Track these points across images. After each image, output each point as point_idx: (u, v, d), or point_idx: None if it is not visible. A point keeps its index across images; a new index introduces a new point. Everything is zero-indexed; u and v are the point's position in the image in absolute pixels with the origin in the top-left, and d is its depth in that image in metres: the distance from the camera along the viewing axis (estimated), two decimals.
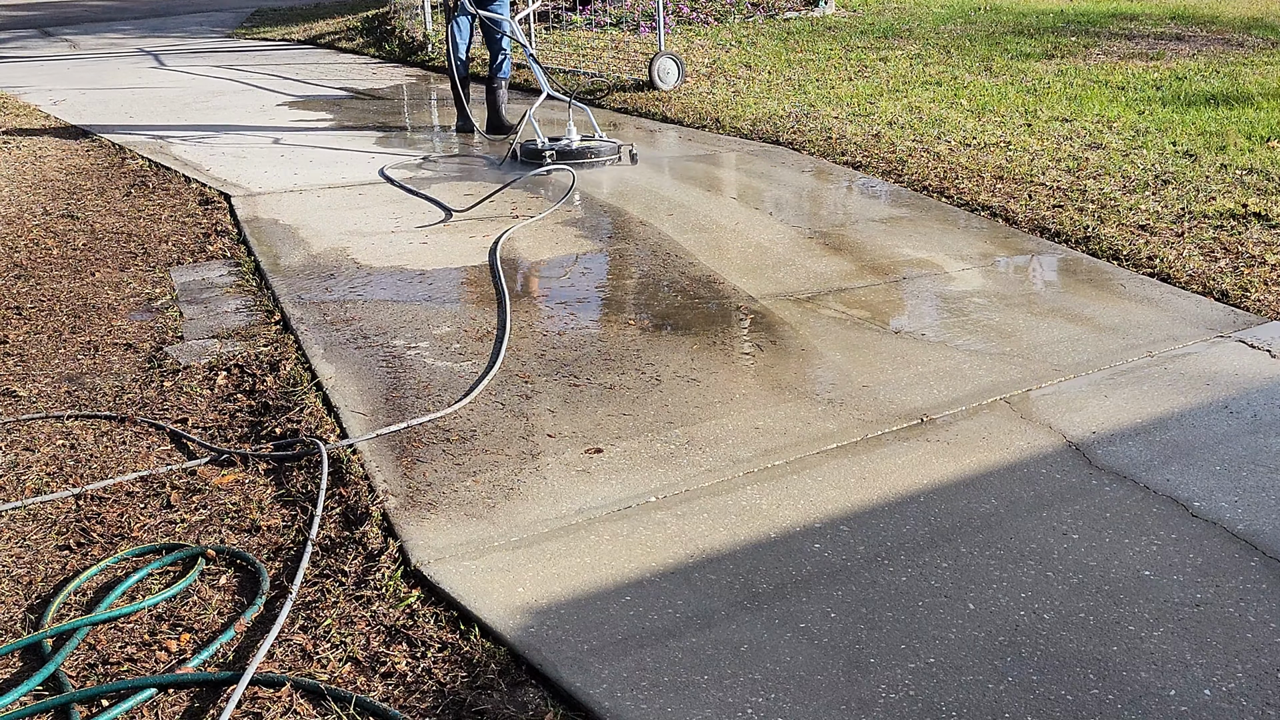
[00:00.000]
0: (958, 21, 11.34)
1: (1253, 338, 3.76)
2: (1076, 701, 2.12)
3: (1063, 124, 6.83)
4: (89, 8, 18.19)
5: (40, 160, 7.05)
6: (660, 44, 8.84)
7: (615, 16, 11.28)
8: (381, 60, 11.23)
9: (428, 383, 3.61)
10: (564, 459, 3.10)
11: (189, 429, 3.39)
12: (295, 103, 8.89)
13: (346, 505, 2.91)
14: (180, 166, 6.67)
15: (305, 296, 4.42)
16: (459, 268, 4.72)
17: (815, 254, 4.75)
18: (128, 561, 2.74)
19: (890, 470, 3.00)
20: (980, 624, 2.35)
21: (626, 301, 4.32)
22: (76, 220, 5.68)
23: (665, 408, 3.39)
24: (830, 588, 2.49)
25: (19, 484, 3.09)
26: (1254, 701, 2.10)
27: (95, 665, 2.36)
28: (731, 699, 2.16)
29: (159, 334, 4.16)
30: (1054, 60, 9.01)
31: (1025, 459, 3.03)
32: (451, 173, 6.47)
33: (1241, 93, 7.41)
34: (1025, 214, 5.15)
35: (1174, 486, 2.86)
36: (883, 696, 2.15)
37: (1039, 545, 2.63)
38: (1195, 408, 3.29)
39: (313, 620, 2.48)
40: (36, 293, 4.63)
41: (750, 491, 2.91)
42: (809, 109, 7.57)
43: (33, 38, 14.38)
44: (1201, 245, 4.66)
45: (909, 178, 5.84)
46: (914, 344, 3.81)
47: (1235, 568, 2.52)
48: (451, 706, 2.19)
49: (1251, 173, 5.59)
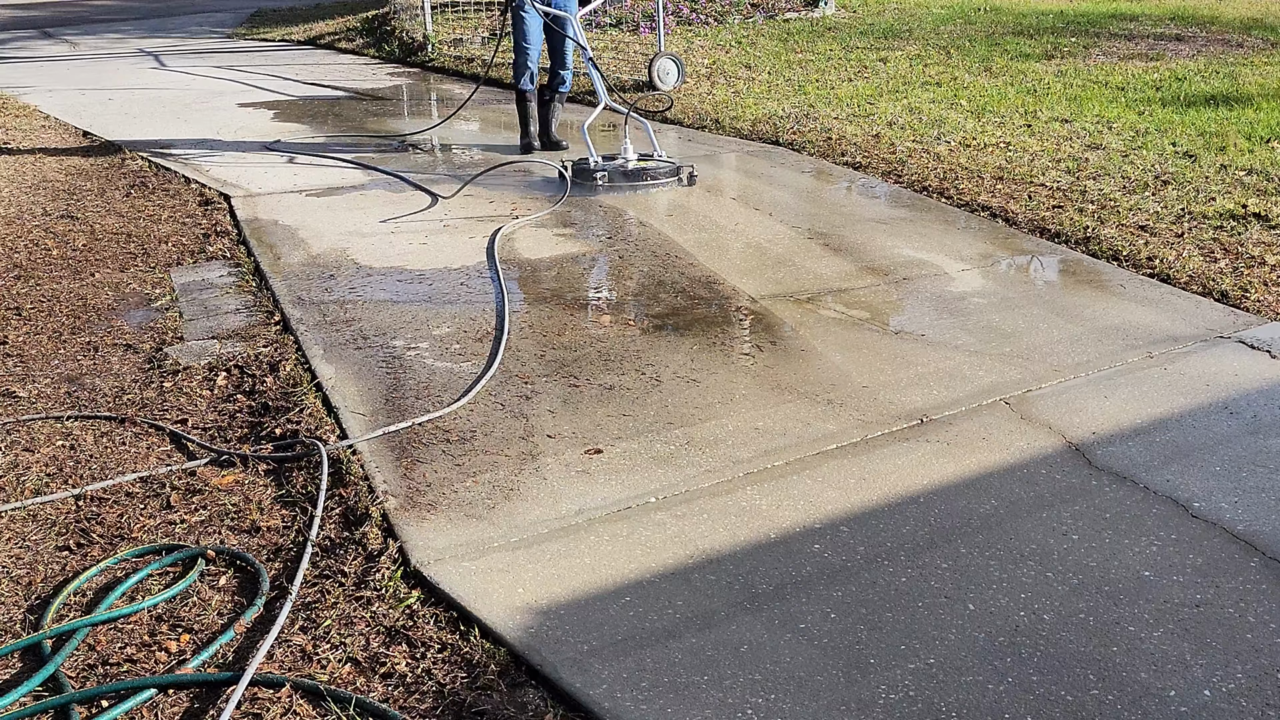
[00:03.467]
0: (957, 22, 11.34)
1: (1253, 338, 3.76)
2: (1076, 702, 2.12)
3: (1062, 124, 6.83)
4: (89, 8, 18.20)
5: (40, 160, 7.05)
6: (660, 44, 8.84)
7: (615, 16, 11.28)
8: (381, 61, 11.22)
9: (427, 383, 3.61)
10: (564, 459, 3.10)
11: (189, 429, 3.39)
12: (295, 103, 8.89)
13: (346, 506, 2.91)
14: (180, 167, 6.67)
15: (305, 297, 4.42)
16: (458, 268, 4.72)
17: (815, 254, 4.75)
18: (127, 562, 2.74)
19: (890, 471, 2.99)
20: (980, 624, 2.35)
21: (626, 301, 4.32)
22: (76, 221, 5.67)
23: (665, 408, 3.39)
24: (830, 588, 2.49)
25: (19, 484, 3.09)
26: (1254, 702, 2.10)
27: (95, 666, 2.36)
28: (731, 699, 2.16)
29: (159, 334, 4.15)
30: (1054, 61, 9.02)
31: (1025, 459, 3.03)
32: (491, 188, 6.42)
33: (1241, 93, 7.41)
34: (1025, 214, 5.15)
35: (1174, 487, 2.86)
36: (883, 697, 2.15)
37: (1039, 546, 2.63)
38: (1195, 408, 3.29)
39: (312, 621, 2.48)
40: (36, 293, 4.63)
41: (750, 492, 2.91)
42: (809, 109, 7.57)
43: (33, 38, 14.39)
44: (1201, 246, 4.66)
45: (909, 178, 5.84)
46: (914, 344, 3.81)
47: (1235, 568, 2.52)
48: (451, 707, 2.19)
49: (1251, 173, 5.59)
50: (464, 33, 11.32)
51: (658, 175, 5.82)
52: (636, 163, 5.88)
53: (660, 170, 5.85)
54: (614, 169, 5.83)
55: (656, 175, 5.82)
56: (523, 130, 6.83)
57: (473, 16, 11.95)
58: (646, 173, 5.81)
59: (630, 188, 5.77)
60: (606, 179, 5.77)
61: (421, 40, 11.11)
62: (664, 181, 5.83)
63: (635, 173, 5.81)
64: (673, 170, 5.89)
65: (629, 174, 5.80)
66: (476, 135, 7.53)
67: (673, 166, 5.91)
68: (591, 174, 5.80)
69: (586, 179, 5.81)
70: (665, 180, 5.84)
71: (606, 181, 5.77)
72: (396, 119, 8.17)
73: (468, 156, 6.86)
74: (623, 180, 5.79)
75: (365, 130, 7.69)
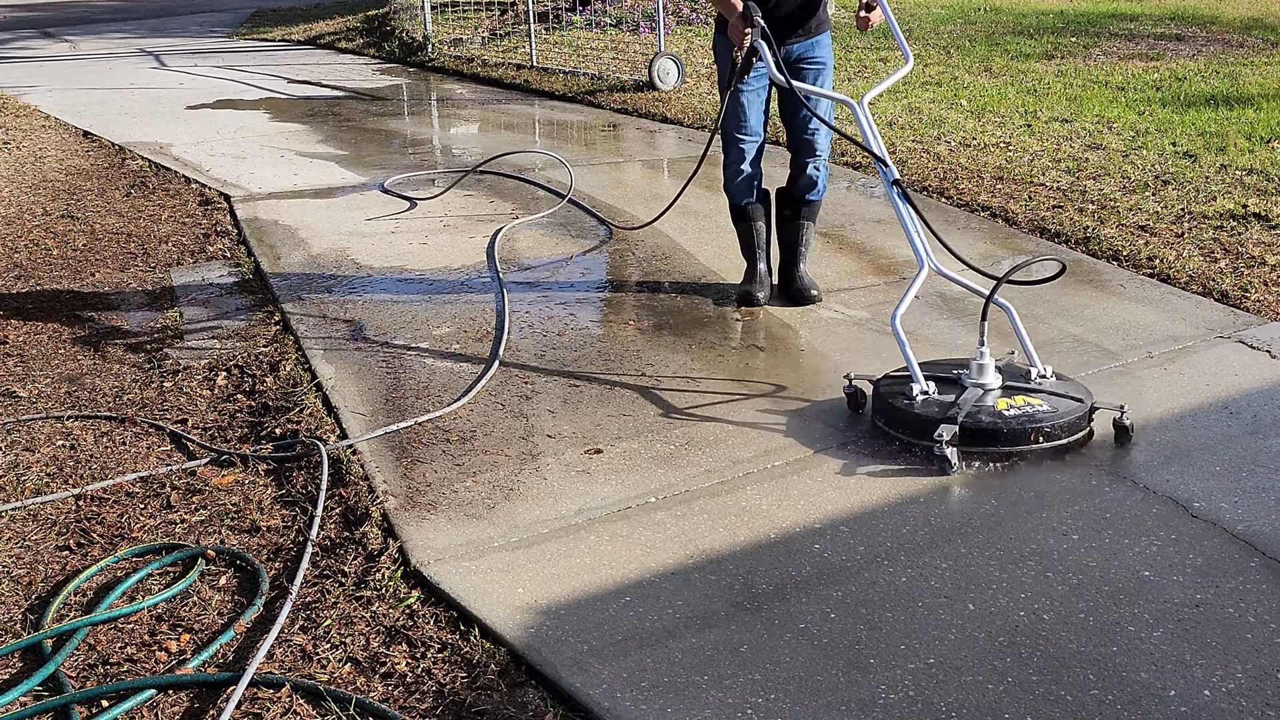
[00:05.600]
0: (957, 22, 11.34)
1: (1253, 338, 3.76)
2: (1076, 702, 2.12)
3: (1062, 124, 6.83)
4: (90, 8, 18.19)
5: (40, 160, 7.05)
6: (660, 44, 8.84)
7: (615, 17, 11.28)
8: (381, 61, 11.22)
9: (427, 383, 3.61)
10: (564, 459, 3.10)
11: (189, 429, 3.39)
12: (295, 103, 8.89)
13: (346, 506, 2.91)
14: (180, 167, 6.67)
15: (305, 296, 4.42)
16: (458, 267, 4.72)
17: (815, 254, 4.75)
18: (127, 562, 2.74)
19: (892, 470, 2.99)
20: (980, 624, 2.35)
21: (626, 301, 4.32)
22: (76, 220, 5.68)
23: (665, 408, 3.39)
24: (830, 588, 2.49)
25: (19, 484, 3.09)
26: (1254, 702, 2.10)
27: (95, 666, 2.36)
28: (731, 699, 2.16)
29: (159, 334, 4.15)
30: (1054, 61, 9.01)
31: (1025, 459, 3.02)
32: (492, 188, 6.42)
33: (1241, 93, 7.41)
34: (1025, 214, 5.15)
35: (1174, 487, 2.86)
36: (882, 697, 2.15)
37: (1039, 545, 2.63)
38: (1195, 408, 3.29)
39: (312, 621, 2.48)
40: (36, 293, 4.63)
41: (750, 492, 2.91)
42: None
43: (34, 38, 14.38)
44: (1201, 246, 4.66)
45: (909, 178, 5.84)
46: (914, 344, 3.80)
47: (1235, 568, 2.52)
48: (451, 707, 2.18)
49: (1251, 173, 5.59)
50: (464, 33, 11.33)
51: (1053, 423, 2.99)
52: (998, 394, 3.13)
53: (1056, 415, 3.02)
54: (971, 414, 3.01)
55: (1051, 424, 2.99)
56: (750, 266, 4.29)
57: (473, 16, 11.96)
58: (1032, 421, 3.00)
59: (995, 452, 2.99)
60: (955, 435, 2.95)
61: (421, 40, 11.11)
62: (1064, 437, 3.01)
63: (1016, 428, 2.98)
64: (1080, 414, 3.05)
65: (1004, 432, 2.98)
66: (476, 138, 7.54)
67: (1075, 402, 3.09)
68: (930, 424, 2.98)
69: (921, 436, 3.02)
70: (1067, 437, 3.02)
71: (955, 442, 2.95)
72: (396, 118, 8.17)
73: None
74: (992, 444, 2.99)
75: (366, 128, 7.69)
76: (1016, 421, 2.99)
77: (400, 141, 7.34)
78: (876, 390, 3.21)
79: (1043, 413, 3.02)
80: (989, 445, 2.98)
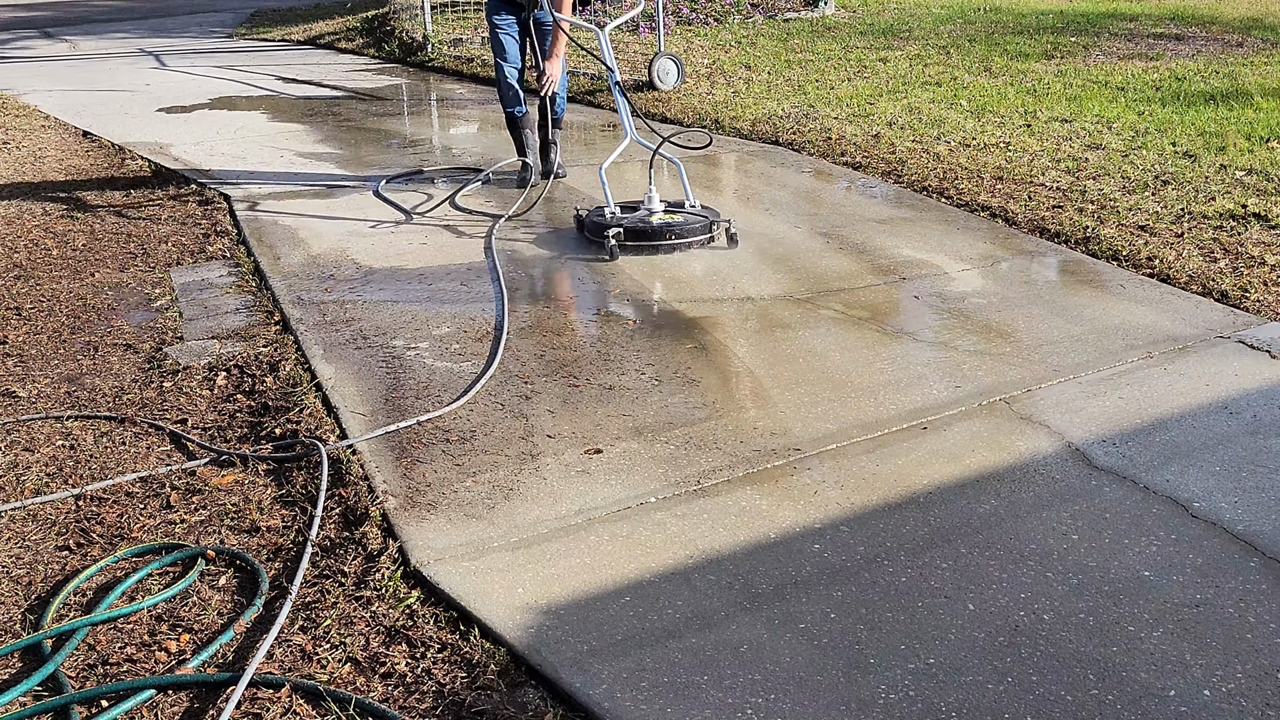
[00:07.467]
0: (957, 22, 11.34)
1: (1253, 338, 3.76)
2: (1076, 701, 2.12)
3: (1062, 124, 6.83)
4: (89, 8, 18.19)
5: (40, 160, 7.04)
6: (660, 44, 8.84)
7: (615, 17, 11.28)
8: (381, 60, 11.22)
9: (427, 383, 3.61)
10: (564, 459, 3.10)
11: (189, 429, 3.39)
12: (295, 103, 8.89)
13: (346, 506, 2.91)
14: (180, 167, 6.67)
15: (305, 297, 4.42)
16: (458, 267, 4.71)
17: (815, 254, 4.75)
18: (127, 562, 2.74)
19: (890, 470, 2.99)
20: (980, 624, 2.35)
21: (626, 301, 4.32)
22: (76, 221, 5.68)
23: (665, 408, 3.39)
24: (830, 588, 2.49)
25: (19, 484, 3.09)
26: (1254, 702, 2.10)
27: (95, 666, 2.36)
28: (731, 699, 2.16)
29: (159, 334, 4.16)
30: (1054, 60, 9.01)
31: (1025, 459, 3.03)
32: (494, 188, 6.44)
33: (1241, 93, 7.41)
34: (1025, 215, 5.15)
35: (1174, 487, 2.86)
36: (882, 697, 2.15)
37: (1039, 545, 2.63)
38: (1195, 408, 3.29)
39: (312, 621, 2.48)
40: (36, 293, 4.63)
41: (750, 492, 2.91)
42: (808, 109, 7.57)
43: (33, 38, 14.38)
44: (1201, 246, 4.66)
45: (908, 178, 5.84)
46: (914, 344, 3.81)
47: (1235, 568, 2.52)
48: (451, 707, 2.19)
49: (1251, 173, 5.59)
50: (464, 33, 11.32)
51: (685, 233, 4.73)
52: (662, 214, 4.89)
53: (689, 226, 4.76)
54: (633, 223, 4.78)
55: (685, 232, 4.73)
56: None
57: (472, 16, 11.95)
58: (672, 229, 4.74)
59: (649, 247, 4.73)
60: (621, 237, 4.73)
61: (421, 40, 11.11)
62: (693, 240, 4.75)
63: (657, 229, 4.74)
64: (705, 225, 4.80)
65: (649, 232, 4.74)
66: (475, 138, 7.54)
67: (705, 221, 4.82)
68: (603, 228, 4.75)
69: (598, 234, 4.79)
70: (696, 239, 4.75)
71: (620, 241, 4.73)
72: (395, 118, 8.17)
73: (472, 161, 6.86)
74: (640, 239, 4.74)
75: (366, 128, 7.69)
76: (660, 227, 4.77)
77: (400, 142, 7.34)
78: (588, 214, 4.97)
79: (677, 223, 4.79)
80: (641, 241, 4.75)
